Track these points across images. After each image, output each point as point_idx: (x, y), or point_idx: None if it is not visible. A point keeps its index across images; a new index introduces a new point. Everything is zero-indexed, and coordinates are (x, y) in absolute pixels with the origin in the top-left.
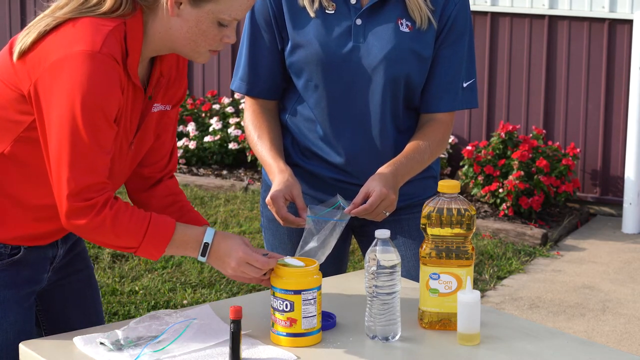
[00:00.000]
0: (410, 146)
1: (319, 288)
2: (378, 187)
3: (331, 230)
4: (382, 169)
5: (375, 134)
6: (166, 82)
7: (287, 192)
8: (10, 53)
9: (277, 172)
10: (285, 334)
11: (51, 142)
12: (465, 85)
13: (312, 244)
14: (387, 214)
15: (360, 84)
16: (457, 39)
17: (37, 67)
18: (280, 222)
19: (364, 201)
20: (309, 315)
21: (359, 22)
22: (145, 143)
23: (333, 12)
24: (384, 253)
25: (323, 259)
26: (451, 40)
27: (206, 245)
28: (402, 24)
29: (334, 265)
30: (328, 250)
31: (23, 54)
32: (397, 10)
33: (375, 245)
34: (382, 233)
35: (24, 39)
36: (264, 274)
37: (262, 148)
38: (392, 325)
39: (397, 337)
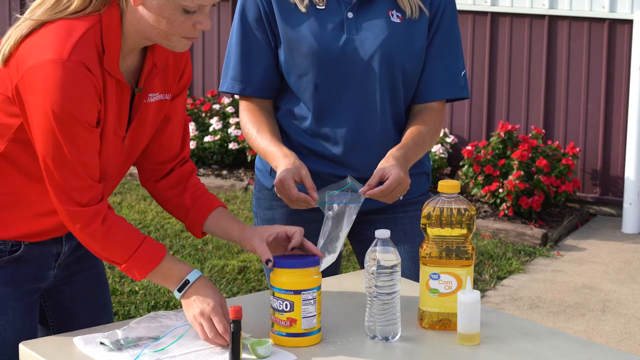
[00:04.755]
0: (413, 131)
1: (319, 288)
2: (395, 170)
3: (347, 214)
4: (394, 152)
5: (374, 123)
6: (161, 71)
7: (295, 173)
8: None
9: (281, 157)
10: (285, 334)
11: (37, 145)
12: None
13: (334, 229)
14: (401, 197)
15: (357, 75)
16: (449, 26)
17: (15, 72)
18: (290, 204)
19: (379, 183)
20: (309, 315)
21: (350, 15)
22: (141, 135)
23: (324, 7)
24: (384, 253)
25: (340, 248)
26: (444, 28)
27: (186, 282)
28: (392, 15)
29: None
30: (344, 237)
31: (6, 60)
32: (387, 2)
33: (376, 245)
34: (382, 233)
35: (5, 44)
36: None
37: (263, 139)
38: (392, 325)
39: (397, 337)
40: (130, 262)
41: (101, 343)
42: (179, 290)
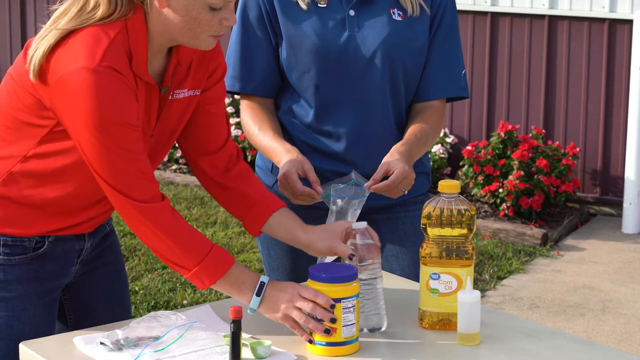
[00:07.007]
0: (415, 128)
1: (357, 296)
2: (400, 164)
3: (351, 208)
4: (398, 147)
5: (376, 120)
6: (186, 69)
7: (299, 168)
8: (25, 60)
9: (284, 152)
10: (324, 343)
11: (84, 156)
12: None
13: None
14: (406, 192)
15: (359, 72)
16: (450, 26)
17: (49, 82)
18: (292, 199)
19: (384, 178)
20: (349, 323)
21: (352, 13)
22: (168, 131)
23: (325, 5)
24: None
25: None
26: (444, 27)
27: (262, 284)
28: (394, 13)
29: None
30: None
31: (37, 73)
32: (389, 0)
33: (355, 238)
34: (360, 224)
35: (34, 54)
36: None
37: (265, 137)
38: (375, 316)
39: (383, 329)
40: (201, 267)
41: (101, 343)
42: (257, 294)
